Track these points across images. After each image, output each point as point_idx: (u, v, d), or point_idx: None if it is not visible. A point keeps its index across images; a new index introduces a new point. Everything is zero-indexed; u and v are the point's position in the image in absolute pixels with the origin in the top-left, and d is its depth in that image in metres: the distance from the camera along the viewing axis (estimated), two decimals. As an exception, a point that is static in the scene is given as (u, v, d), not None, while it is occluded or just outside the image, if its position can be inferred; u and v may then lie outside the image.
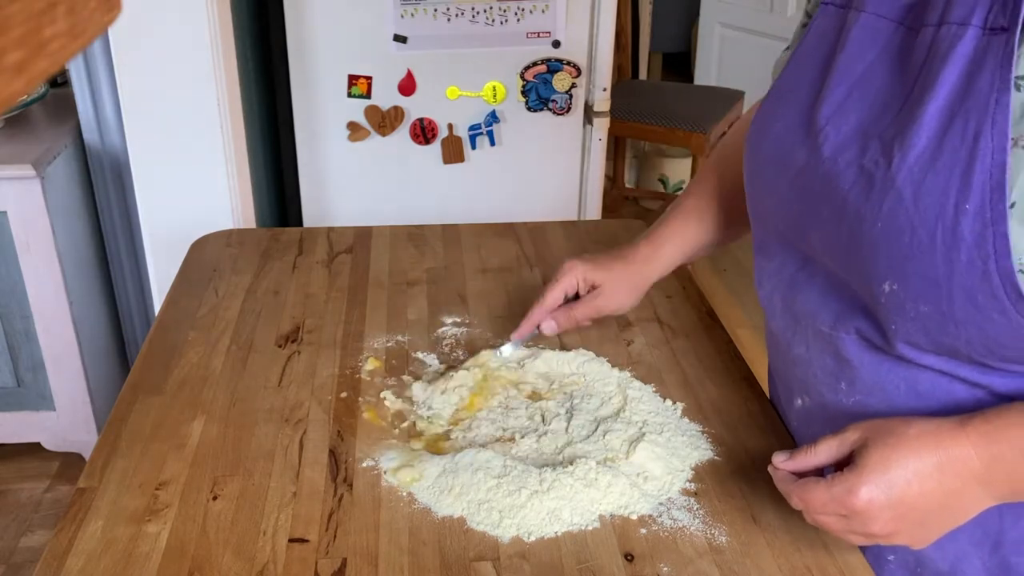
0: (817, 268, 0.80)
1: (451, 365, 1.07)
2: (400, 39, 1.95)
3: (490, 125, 2.05)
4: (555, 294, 1.04)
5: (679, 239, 1.06)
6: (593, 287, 1.04)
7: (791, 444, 0.94)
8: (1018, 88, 0.63)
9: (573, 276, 1.04)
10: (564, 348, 1.09)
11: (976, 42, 0.66)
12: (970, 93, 0.65)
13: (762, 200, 0.85)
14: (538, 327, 1.05)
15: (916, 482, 0.67)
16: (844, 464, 0.71)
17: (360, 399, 1.00)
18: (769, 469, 0.76)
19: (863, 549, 0.81)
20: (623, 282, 1.04)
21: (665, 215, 1.08)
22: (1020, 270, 0.63)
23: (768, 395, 1.03)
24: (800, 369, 0.84)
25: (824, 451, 0.73)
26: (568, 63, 2.01)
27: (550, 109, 2.06)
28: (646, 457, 0.90)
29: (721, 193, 1.04)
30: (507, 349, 1.06)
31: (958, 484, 0.68)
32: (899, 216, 0.68)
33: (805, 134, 0.77)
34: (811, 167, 0.76)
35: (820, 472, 0.73)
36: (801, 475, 0.74)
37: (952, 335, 0.68)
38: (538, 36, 1.99)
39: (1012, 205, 0.63)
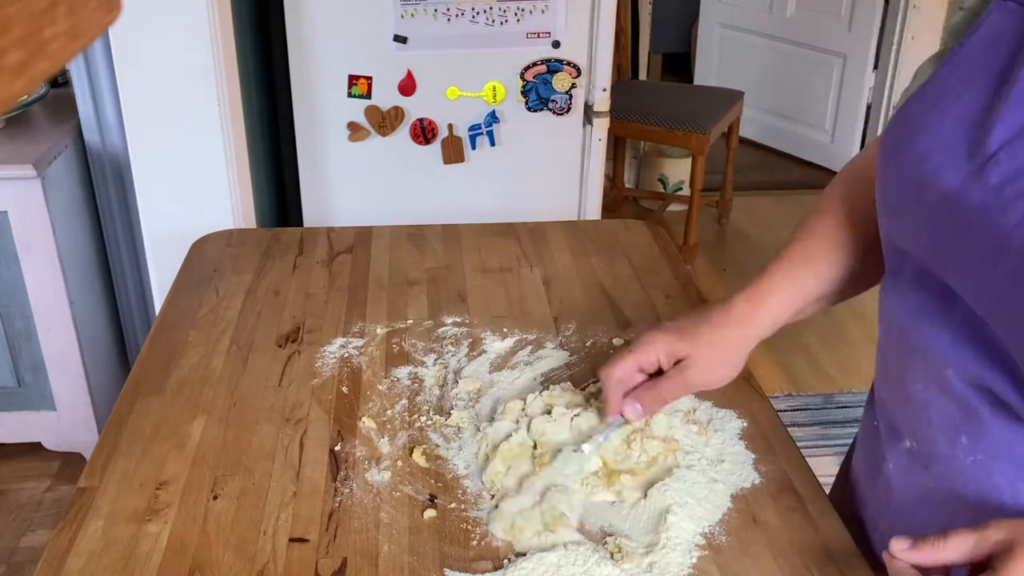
0: (956, 304, 0.67)
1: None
2: (400, 39, 1.95)
3: (490, 125, 2.05)
4: (626, 368, 0.86)
5: (785, 291, 0.86)
6: (678, 361, 0.86)
7: (792, 444, 0.93)
8: None
9: (652, 351, 0.86)
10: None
11: None
12: None
13: (894, 219, 0.72)
14: (621, 413, 0.88)
15: None
16: (980, 566, 0.60)
17: (361, 398, 1.00)
18: (884, 556, 0.64)
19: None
20: (715, 350, 0.85)
21: (769, 263, 0.88)
22: None
23: (861, 424, 0.89)
24: (914, 408, 0.73)
25: (957, 546, 0.61)
26: (568, 63, 2.01)
27: (550, 109, 2.06)
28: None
29: (843, 230, 0.86)
30: (589, 448, 0.88)
31: None
32: None
33: (966, 154, 0.64)
34: (965, 193, 0.63)
35: (946, 569, 0.63)
36: (924, 569, 0.63)
37: None
38: (538, 36, 1.99)
39: None
